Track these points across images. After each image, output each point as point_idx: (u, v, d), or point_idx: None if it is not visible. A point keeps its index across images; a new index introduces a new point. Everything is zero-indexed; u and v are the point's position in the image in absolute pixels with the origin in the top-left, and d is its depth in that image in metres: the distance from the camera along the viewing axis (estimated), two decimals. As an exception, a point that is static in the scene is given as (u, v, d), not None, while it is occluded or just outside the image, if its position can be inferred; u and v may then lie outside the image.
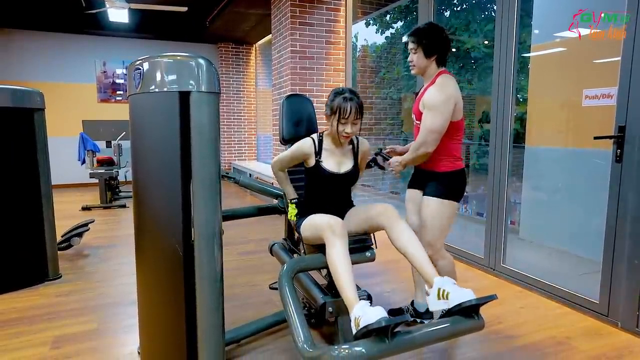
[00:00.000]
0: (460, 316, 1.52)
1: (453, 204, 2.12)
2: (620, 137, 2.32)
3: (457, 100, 2.03)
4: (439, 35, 2.08)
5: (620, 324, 2.35)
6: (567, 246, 3.63)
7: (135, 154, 1.79)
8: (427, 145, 2.03)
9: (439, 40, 2.08)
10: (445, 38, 2.09)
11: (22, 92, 2.96)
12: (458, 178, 2.14)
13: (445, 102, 1.99)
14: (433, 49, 2.07)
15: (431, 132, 2.00)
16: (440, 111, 1.99)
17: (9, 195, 2.92)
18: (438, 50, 2.08)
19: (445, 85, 2.03)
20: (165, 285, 1.76)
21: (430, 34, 2.08)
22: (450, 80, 2.06)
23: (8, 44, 7.27)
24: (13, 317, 2.53)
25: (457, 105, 2.03)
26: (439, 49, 2.08)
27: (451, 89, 2.02)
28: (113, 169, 6.14)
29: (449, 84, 2.03)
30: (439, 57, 2.10)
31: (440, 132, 2.01)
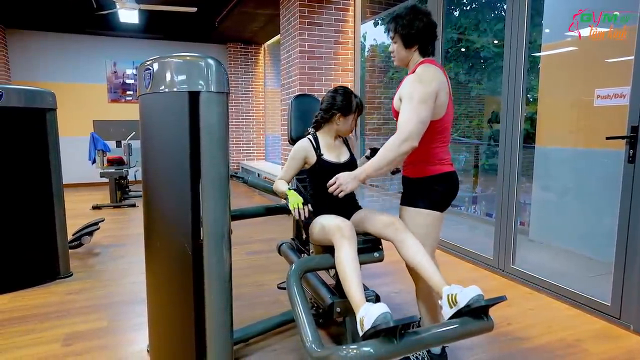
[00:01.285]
0: (470, 317, 1.51)
1: (433, 214, 1.83)
2: (633, 138, 2.29)
3: (438, 92, 1.71)
4: (419, 22, 1.78)
5: (633, 327, 2.32)
6: (577, 247, 3.59)
7: (145, 153, 1.80)
8: (414, 139, 1.66)
9: (419, 28, 1.78)
10: (427, 25, 1.79)
11: (35, 92, 3.00)
12: (430, 183, 1.83)
13: (424, 89, 1.68)
14: (413, 38, 1.80)
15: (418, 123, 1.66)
16: (421, 99, 1.67)
17: (21, 194, 2.96)
18: (419, 40, 1.80)
19: (424, 74, 1.73)
20: (174, 284, 1.77)
21: (409, 22, 1.78)
22: (430, 69, 1.75)
23: (20, 45, 7.37)
24: (25, 314, 2.56)
25: (438, 98, 1.71)
26: (420, 37, 1.80)
27: (430, 77, 1.71)
28: (123, 168, 6.19)
29: (428, 72, 1.73)
30: (421, 46, 1.82)
31: (427, 123, 1.69)
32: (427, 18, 1.80)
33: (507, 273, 3.14)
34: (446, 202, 1.87)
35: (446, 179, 1.85)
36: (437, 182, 1.83)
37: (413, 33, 1.79)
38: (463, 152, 6.74)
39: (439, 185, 1.84)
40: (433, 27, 1.81)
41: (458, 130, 7.66)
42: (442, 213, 1.87)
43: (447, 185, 1.85)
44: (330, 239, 1.77)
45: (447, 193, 1.86)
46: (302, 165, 2.06)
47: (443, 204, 1.86)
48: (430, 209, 1.83)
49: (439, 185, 1.84)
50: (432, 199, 1.83)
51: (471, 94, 7.85)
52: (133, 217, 5.43)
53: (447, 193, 1.86)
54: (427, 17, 1.80)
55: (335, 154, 2.07)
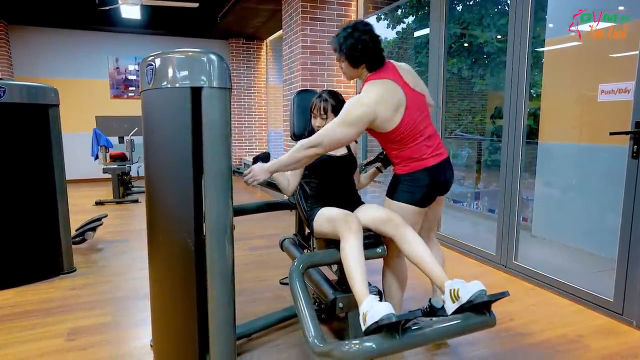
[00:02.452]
0: (472, 313, 1.51)
1: (404, 206, 1.86)
2: (638, 133, 2.28)
3: (377, 113, 1.72)
4: (362, 43, 1.76)
5: (636, 323, 2.32)
6: (580, 243, 3.58)
7: (147, 149, 1.80)
8: (320, 148, 1.72)
9: (363, 49, 1.76)
10: (370, 42, 1.76)
11: (37, 88, 3.00)
12: (408, 179, 1.86)
13: (356, 113, 1.71)
14: (359, 58, 1.79)
15: (332, 138, 1.71)
16: (346, 122, 1.71)
17: (25, 190, 2.97)
18: (364, 59, 1.79)
19: (365, 96, 1.74)
20: (177, 279, 1.77)
21: (352, 44, 1.77)
22: (374, 87, 1.75)
23: (23, 41, 7.37)
24: (29, 309, 2.58)
25: (378, 118, 1.73)
26: (365, 57, 1.78)
27: (372, 99, 1.72)
28: (126, 164, 6.20)
29: (371, 93, 1.74)
30: (368, 64, 1.81)
31: (342, 142, 1.75)
32: (369, 35, 1.78)
33: (510, 269, 3.14)
34: (426, 200, 1.89)
35: (426, 174, 1.84)
36: (415, 179, 1.85)
37: (358, 55, 1.79)
38: (466, 147, 6.72)
39: (416, 182, 1.85)
40: (376, 42, 1.80)
41: (461, 126, 7.63)
42: (422, 208, 1.90)
43: (428, 181, 1.85)
44: (337, 232, 1.77)
45: (429, 190, 1.86)
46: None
47: (423, 201, 1.88)
48: (409, 204, 1.86)
49: (416, 182, 1.85)
50: (412, 196, 1.86)
51: (474, 89, 7.82)
52: (136, 212, 5.44)
53: (428, 190, 1.86)
54: (369, 35, 1.78)
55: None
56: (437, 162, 1.87)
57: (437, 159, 1.88)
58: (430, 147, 1.87)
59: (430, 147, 1.87)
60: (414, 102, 1.84)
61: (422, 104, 1.90)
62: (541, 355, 2.05)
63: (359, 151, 2.30)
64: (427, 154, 1.86)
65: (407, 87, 1.84)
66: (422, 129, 1.86)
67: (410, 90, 1.85)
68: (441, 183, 1.91)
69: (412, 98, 1.84)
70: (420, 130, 1.85)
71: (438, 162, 1.87)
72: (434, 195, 1.92)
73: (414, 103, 1.84)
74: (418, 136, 1.84)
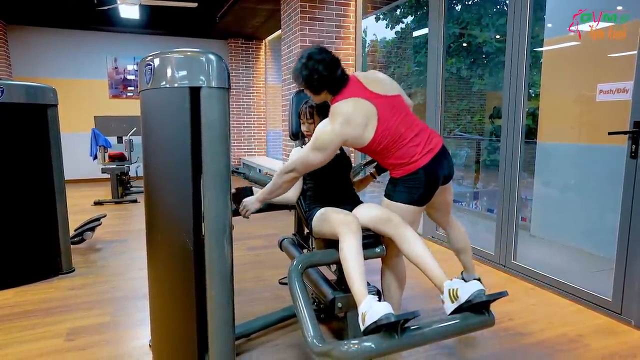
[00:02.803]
0: (471, 312, 1.51)
1: (402, 207, 1.87)
2: (636, 133, 2.28)
3: (345, 136, 1.77)
4: (316, 73, 1.79)
5: (634, 323, 2.32)
6: (579, 243, 3.58)
7: (146, 149, 1.80)
8: (295, 172, 1.84)
9: (319, 77, 1.80)
10: (324, 69, 1.79)
11: (36, 88, 2.99)
12: (404, 181, 1.87)
13: (325, 138, 1.77)
14: (318, 86, 1.83)
15: (303, 163, 1.81)
16: (316, 146, 1.78)
17: (23, 190, 2.96)
18: (324, 86, 1.82)
19: (331, 119, 1.80)
20: (176, 279, 1.77)
21: (308, 75, 1.81)
22: (340, 108, 1.79)
23: (21, 41, 7.36)
24: (28, 309, 2.58)
25: (349, 138, 1.78)
26: (324, 83, 1.82)
27: (339, 123, 1.76)
28: (124, 164, 6.19)
29: (338, 116, 1.77)
30: (329, 89, 1.84)
31: (315, 165, 1.83)
32: (323, 64, 1.80)
33: (509, 268, 3.14)
34: (425, 198, 1.89)
35: (422, 173, 1.84)
36: (411, 180, 1.85)
37: (315, 84, 1.83)
38: (464, 147, 6.73)
39: (413, 183, 1.85)
40: (333, 68, 1.81)
41: (460, 126, 7.64)
42: (421, 207, 1.91)
43: (425, 180, 1.85)
44: (336, 232, 1.77)
45: (427, 187, 1.86)
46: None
47: (421, 200, 1.88)
48: (407, 204, 1.87)
49: (413, 183, 1.85)
50: (410, 196, 1.87)
51: (473, 89, 7.82)
52: (134, 212, 5.44)
53: (426, 189, 1.86)
54: (322, 64, 1.80)
55: None
56: (431, 159, 1.84)
57: (430, 155, 1.85)
58: (419, 146, 1.84)
59: (419, 146, 1.84)
60: (387, 107, 1.84)
61: (399, 105, 1.89)
62: (541, 354, 2.06)
63: (357, 153, 2.30)
64: (418, 154, 1.84)
65: (375, 96, 1.83)
66: (404, 131, 1.84)
67: (380, 97, 1.84)
68: (440, 177, 1.90)
69: (384, 105, 1.83)
70: (401, 133, 1.84)
71: (431, 159, 1.85)
72: (433, 191, 1.91)
73: (386, 109, 1.83)
74: (401, 140, 1.84)
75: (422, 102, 4.25)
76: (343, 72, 1.86)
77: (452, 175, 1.99)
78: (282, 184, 1.89)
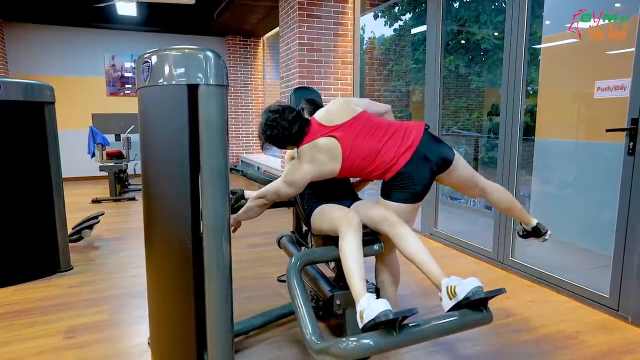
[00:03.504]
0: (469, 309, 1.52)
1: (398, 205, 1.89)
2: (634, 130, 2.29)
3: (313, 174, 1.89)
4: (273, 135, 1.93)
5: (631, 319, 2.33)
6: (577, 240, 3.59)
7: (144, 147, 1.80)
8: (266, 199, 2.02)
9: (279, 137, 1.92)
10: (281, 132, 1.90)
11: (33, 86, 2.98)
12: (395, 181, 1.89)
13: (294, 176, 1.90)
14: (282, 144, 1.96)
15: (274, 193, 1.97)
16: (287, 181, 1.92)
17: (21, 188, 2.96)
18: (285, 143, 1.95)
19: (300, 160, 1.92)
20: (174, 277, 1.77)
21: (270, 136, 1.95)
22: (303, 154, 1.91)
23: (18, 38, 7.32)
24: (27, 307, 2.57)
25: (318, 174, 1.90)
26: (284, 142, 1.95)
27: (304, 163, 1.89)
28: (122, 162, 6.19)
29: (303, 158, 1.90)
30: (291, 143, 1.96)
31: (285, 196, 1.99)
32: (280, 127, 1.90)
33: (507, 265, 3.15)
34: (421, 194, 1.90)
35: (405, 175, 1.85)
36: (400, 181, 1.87)
37: (278, 143, 1.96)
38: (463, 144, 6.73)
39: (404, 182, 1.87)
40: (291, 126, 1.90)
41: (458, 123, 7.64)
42: (418, 203, 1.92)
43: (416, 176, 1.86)
44: (336, 229, 1.77)
45: (424, 182, 1.87)
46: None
47: (416, 197, 1.89)
48: (403, 203, 1.88)
49: (404, 182, 1.87)
50: (405, 195, 1.88)
51: (471, 86, 7.82)
52: (133, 210, 5.43)
53: (423, 184, 1.87)
54: (279, 128, 1.90)
55: None
56: (411, 156, 1.85)
57: (409, 153, 1.85)
58: (392, 149, 1.86)
59: (392, 149, 1.86)
60: (349, 132, 1.90)
61: (362, 123, 1.93)
62: (538, 351, 2.07)
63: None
64: (394, 157, 1.86)
65: (333, 129, 1.90)
66: (374, 144, 1.88)
67: (338, 127, 1.90)
68: (431, 167, 1.88)
69: (345, 131, 1.90)
70: (371, 147, 1.88)
71: (412, 155, 1.85)
72: (428, 184, 1.90)
73: (348, 134, 1.89)
74: (373, 153, 1.87)
75: (420, 100, 4.24)
76: (302, 125, 1.93)
77: (448, 157, 1.92)
78: (254, 207, 2.06)
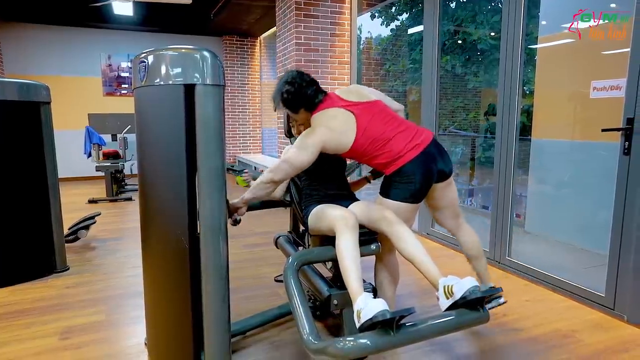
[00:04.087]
0: (466, 309, 1.52)
1: (398, 204, 1.89)
2: (629, 129, 2.30)
3: (324, 140, 1.86)
4: (286, 93, 1.94)
5: (627, 318, 2.34)
6: (573, 239, 3.61)
7: (140, 147, 1.79)
8: (276, 173, 1.88)
9: (291, 99, 1.94)
10: (295, 91, 1.92)
11: (29, 85, 2.97)
12: (397, 177, 1.90)
13: (305, 141, 1.87)
14: (292, 107, 1.97)
15: (284, 162, 1.88)
16: (298, 147, 1.87)
17: (16, 189, 2.94)
18: (298, 105, 1.95)
19: (312, 127, 1.92)
20: (171, 277, 1.77)
21: (278, 99, 1.97)
22: (317, 120, 1.91)
23: (14, 37, 7.29)
24: (23, 308, 2.56)
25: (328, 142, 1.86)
26: (296, 104, 1.95)
27: (318, 127, 1.88)
28: (119, 162, 6.16)
29: (315, 123, 1.91)
30: (305, 107, 1.95)
31: (296, 166, 1.88)
32: (294, 87, 1.93)
33: (503, 265, 3.16)
34: (420, 194, 1.90)
35: (414, 167, 1.86)
36: (403, 176, 1.87)
37: (293, 104, 1.96)
38: (459, 144, 6.75)
39: (405, 179, 1.87)
40: (307, 87, 1.93)
41: (455, 123, 7.66)
42: (417, 204, 1.92)
43: (418, 174, 1.86)
44: (333, 229, 1.77)
45: (422, 182, 1.88)
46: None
47: (416, 197, 1.90)
48: (402, 201, 1.89)
49: (405, 179, 1.87)
50: (405, 193, 1.88)
51: (468, 86, 7.84)
52: (129, 210, 5.41)
53: (421, 183, 1.88)
54: (293, 86, 1.93)
55: None
56: (419, 153, 1.87)
57: (417, 150, 1.87)
58: (405, 140, 1.88)
59: (405, 140, 1.88)
60: (365, 112, 1.92)
61: (379, 109, 1.96)
62: (535, 350, 2.07)
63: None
64: (404, 149, 1.87)
65: (352, 104, 1.93)
66: (386, 130, 1.90)
67: (358, 104, 1.93)
68: (433, 172, 1.90)
69: (362, 110, 1.92)
70: (383, 132, 1.89)
71: (420, 153, 1.87)
72: (428, 186, 1.92)
73: (364, 113, 1.92)
74: (384, 139, 1.88)
75: (417, 100, 4.25)
76: (318, 91, 1.97)
77: (449, 170, 1.98)
78: (264, 185, 1.93)
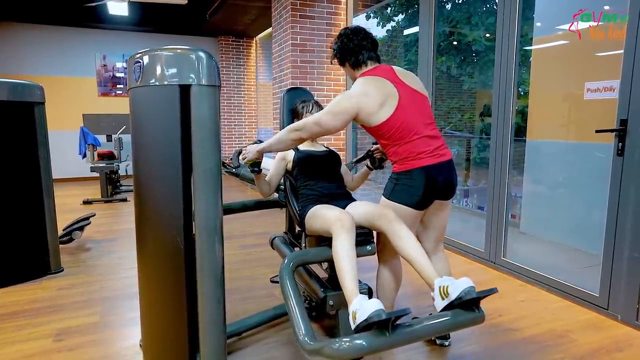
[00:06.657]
0: (461, 309, 1.52)
1: (400, 207, 1.85)
2: (622, 131, 2.32)
3: (360, 106, 1.80)
4: (339, 44, 1.99)
5: (620, 317, 2.36)
6: (568, 240, 3.63)
7: (135, 147, 1.78)
8: (304, 132, 1.84)
9: (339, 49, 1.98)
10: (347, 41, 1.95)
11: (22, 86, 2.95)
12: (404, 179, 1.85)
13: (341, 104, 1.82)
14: (340, 58, 2.00)
15: (315, 124, 1.82)
16: (331, 110, 1.82)
17: (10, 190, 2.92)
18: (345, 57, 1.98)
19: (353, 89, 1.87)
20: (166, 278, 1.76)
21: (337, 47, 2.01)
22: (362, 84, 1.86)
23: (8, 37, 7.24)
24: (17, 309, 2.54)
25: (363, 110, 1.81)
26: (344, 55, 1.98)
27: (357, 93, 1.83)
28: (114, 162, 6.14)
29: (356, 87, 1.87)
30: (351, 62, 1.98)
31: (325, 129, 1.83)
32: (347, 37, 1.97)
33: (499, 265, 3.17)
34: (424, 202, 1.86)
35: (423, 173, 1.82)
36: (414, 177, 1.83)
37: (339, 56, 2.01)
38: (455, 145, 6.77)
39: (412, 183, 1.83)
40: (354, 41, 1.95)
41: (450, 124, 7.68)
42: (419, 211, 1.88)
43: (424, 181, 1.82)
44: (329, 230, 1.77)
45: (426, 190, 1.83)
46: (283, 166, 2.23)
47: (420, 204, 1.86)
48: (405, 205, 1.84)
49: (412, 183, 1.83)
50: (409, 197, 1.84)
51: (463, 87, 7.87)
52: (124, 211, 5.39)
53: (425, 191, 1.83)
54: (347, 36, 1.97)
55: (310, 147, 2.24)
56: (436, 163, 1.83)
57: (436, 160, 1.84)
58: (429, 146, 1.83)
59: (429, 146, 1.83)
60: (409, 96, 1.86)
61: (421, 102, 1.91)
62: (530, 350, 2.08)
63: (349, 148, 2.32)
64: (425, 153, 1.82)
65: (403, 84, 1.88)
66: (420, 127, 1.84)
67: (406, 87, 1.88)
68: (440, 183, 1.85)
69: (407, 93, 1.86)
70: (417, 128, 1.83)
71: (436, 163, 1.83)
72: (432, 197, 1.88)
73: (408, 97, 1.86)
74: (413, 134, 1.82)
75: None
76: (370, 55, 1.96)
77: (454, 188, 1.93)
78: (287, 141, 1.89)
